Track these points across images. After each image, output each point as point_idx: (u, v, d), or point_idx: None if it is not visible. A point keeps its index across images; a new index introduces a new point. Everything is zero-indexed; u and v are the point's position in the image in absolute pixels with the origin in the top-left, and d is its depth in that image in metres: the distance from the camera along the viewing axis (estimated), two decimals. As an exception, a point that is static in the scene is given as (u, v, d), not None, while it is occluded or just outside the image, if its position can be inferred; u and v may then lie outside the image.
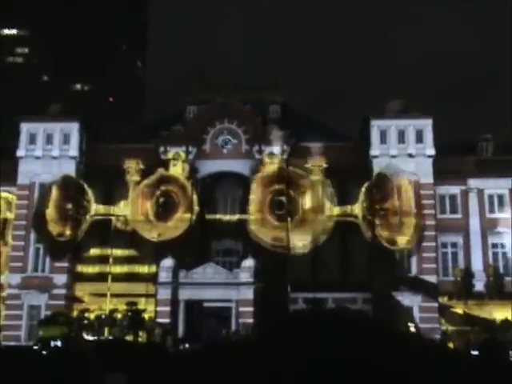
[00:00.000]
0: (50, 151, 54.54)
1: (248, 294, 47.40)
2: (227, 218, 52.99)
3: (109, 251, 50.19)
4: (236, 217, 52.74)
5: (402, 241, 49.38)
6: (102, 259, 51.02)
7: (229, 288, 47.70)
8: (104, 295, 48.52)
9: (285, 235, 48.45)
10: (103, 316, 48.05)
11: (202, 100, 56.85)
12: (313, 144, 52.57)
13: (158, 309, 48.31)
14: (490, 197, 53.68)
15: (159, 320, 46.88)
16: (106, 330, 45.84)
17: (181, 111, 58.27)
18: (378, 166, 51.70)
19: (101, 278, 49.85)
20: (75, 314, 50.35)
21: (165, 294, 48.34)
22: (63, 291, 51.91)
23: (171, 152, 53.20)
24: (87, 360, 3.64)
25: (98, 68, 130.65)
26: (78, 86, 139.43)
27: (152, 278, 49.73)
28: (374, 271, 48.79)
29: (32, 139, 54.90)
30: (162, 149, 53.32)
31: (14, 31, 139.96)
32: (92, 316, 49.17)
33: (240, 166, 53.72)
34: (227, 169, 53.91)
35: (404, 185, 50.16)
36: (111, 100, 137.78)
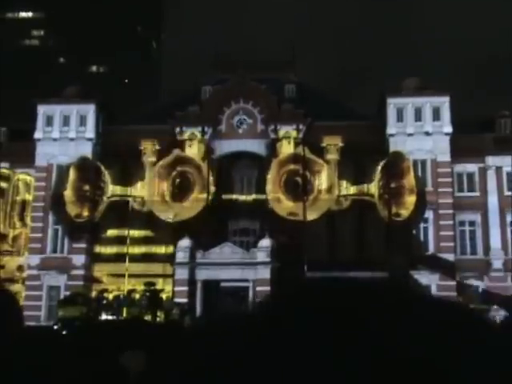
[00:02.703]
0: (66, 133, 54.75)
1: (265, 273, 47.48)
2: (243, 197, 53.04)
3: (126, 232, 50.44)
4: (252, 196, 52.81)
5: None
6: (120, 240, 51.30)
7: (246, 268, 47.81)
8: (122, 275, 48.83)
9: (300, 212, 48.57)
10: (121, 296, 48.35)
11: (218, 80, 56.70)
12: (329, 123, 52.23)
13: (176, 289, 48.58)
14: (509, 174, 53.01)
15: (177, 300, 47.12)
16: (125, 310, 46.15)
17: (196, 92, 58.14)
18: (394, 145, 51.46)
19: (119, 258, 50.18)
20: (94, 294, 50.70)
21: (182, 274, 48.58)
22: (82, 272, 52.30)
23: (187, 132, 53.22)
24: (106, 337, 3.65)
25: (113, 49, 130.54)
26: (94, 68, 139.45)
27: (169, 259, 49.99)
28: (390, 250, 48.66)
29: (49, 121, 55.12)
30: (177, 129, 53.34)
31: (29, 14, 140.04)
32: (110, 296, 49.47)
33: (255, 146, 53.63)
34: (243, 149, 53.77)
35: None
36: (127, 81, 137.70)
